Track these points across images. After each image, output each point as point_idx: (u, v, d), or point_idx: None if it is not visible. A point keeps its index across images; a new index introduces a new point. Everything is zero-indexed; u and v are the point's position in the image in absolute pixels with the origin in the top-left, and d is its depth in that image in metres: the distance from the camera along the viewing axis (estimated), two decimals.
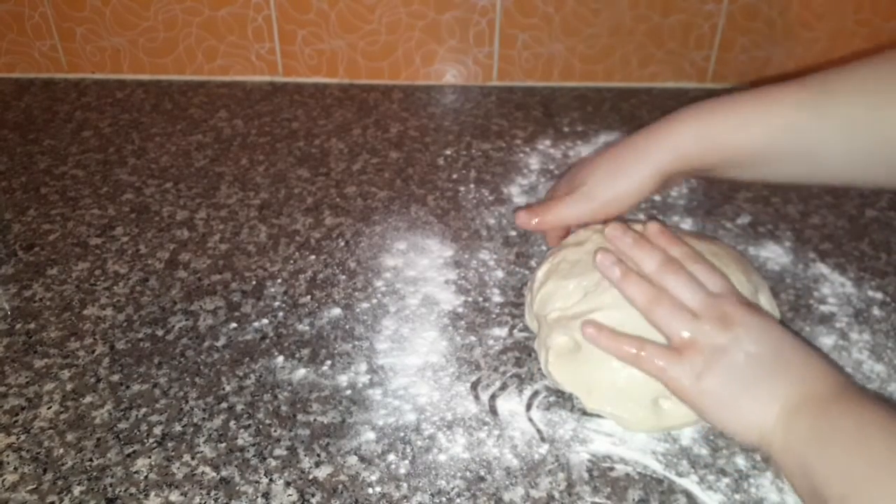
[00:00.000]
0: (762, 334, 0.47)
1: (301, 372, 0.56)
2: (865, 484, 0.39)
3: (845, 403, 0.44)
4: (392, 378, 0.56)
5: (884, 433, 0.41)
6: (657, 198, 0.76)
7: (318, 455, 0.50)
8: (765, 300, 0.55)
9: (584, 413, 0.53)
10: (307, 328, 0.60)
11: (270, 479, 0.48)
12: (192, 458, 0.50)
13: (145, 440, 0.51)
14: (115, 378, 0.56)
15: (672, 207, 0.75)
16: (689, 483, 0.49)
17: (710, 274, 0.51)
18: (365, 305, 0.63)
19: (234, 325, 0.61)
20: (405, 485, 0.48)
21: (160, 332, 0.60)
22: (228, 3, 0.94)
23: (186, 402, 0.54)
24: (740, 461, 0.50)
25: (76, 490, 0.48)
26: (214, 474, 0.49)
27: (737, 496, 0.48)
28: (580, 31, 0.95)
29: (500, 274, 0.66)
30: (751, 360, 0.46)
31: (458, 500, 0.47)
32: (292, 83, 0.99)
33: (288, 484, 0.48)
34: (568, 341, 0.54)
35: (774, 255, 0.69)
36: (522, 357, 0.58)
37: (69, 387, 0.55)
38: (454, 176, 0.80)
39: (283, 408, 0.54)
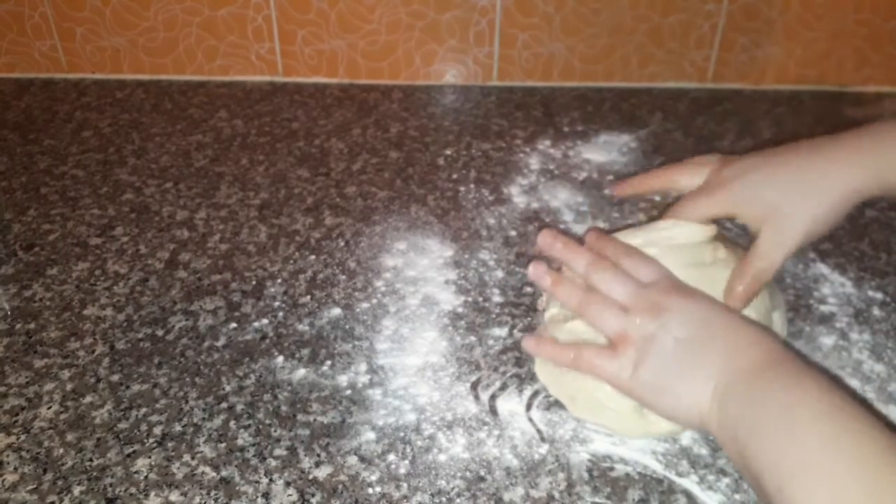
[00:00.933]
0: (690, 316, 0.47)
1: (301, 372, 0.56)
2: (800, 473, 0.37)
3: (774, 378, 0.42)
4: (392, 378, 0.56)
5: (814, 413, 0.39)
6: (657, 198, 0.76)
7: (318, 455, 0.50)
8: (778, 318, 0.54)
9: None
10: (307, 328, 0.60)
11: (270, 479, 0.48)
12: (192, 458, 0.50)
13: (145, 440, 0.51)
14: (115, 378, 0.56)
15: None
16: (689, 483, 0.48)
17: (641, 264, 0.51)
18: (365, 305, 0.63)
19: (234, 325, 0.61)
20: (405, 485, 0.48)
21: (160, 332, 0.60)
22: (228, 3, 0.94)
23: (186, 402, 0.54)
24: None
25: (76, 490, 0.48)
26: (214, 474, 0.49)
27: (737, 496, 0.48)
28: (580, 31, 0.95)
29: (500, 274, 0.66)
30: (681, 345, 0.46)
31: (458, 500, 0.47)
32: (292, 83, 0.99)
33: (288, 484, 0.48)
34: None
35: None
36: (522, 357, 0.58)
37: (69, 387, 0.55)
38: (454, 176, 0.80)
39: (283, 408, 0.54)
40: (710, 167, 0.56)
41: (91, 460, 0.50)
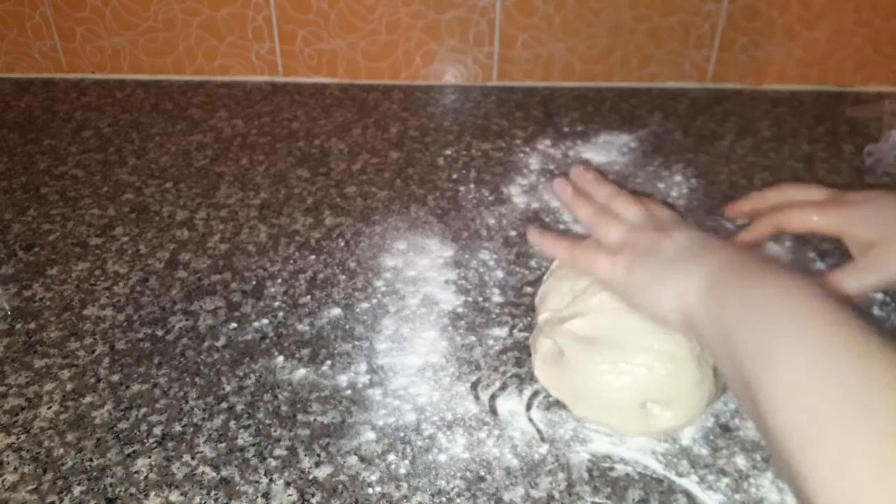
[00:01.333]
0: (692, 234, 0.49)
1: (301, 372, 0.56)
2: (780, 347, 0.37)
3: (763, 271, 0.43)
4: (392, 378, 0.56)
5: (800, 302, 0.39)
6: (657, 197, 0.76)
7: (318, 455, 0.50)
8: None
9: None
10: (307, 328, 0.60)
11: (270, 479, 0.48)
12: (192, 458, 0.50)
13: (145, 440, 0.51)
14: (115, 378, 0.56)
15: (672, 207, 0.75)
16: (689, 483, 0.48)
17: (657, 206, 0.54)
18: (365, 305, 0.63)
19: (234, 325, 0.61)
20: (405, 485, 0.48)
21: (160, 332, 0.60)
22: (228, 3, 0.94)
23: (186, 402, 0.54)
24: (740, 461, 0.50)
25: (76, 490, 0.48)
26: (214, 474, 0.49)
27: (737, 496, 0.48)
28: (580, 31, 0.95)
29: (500, 274, 0.66)
30: (679, 250, 0.47)
31: (458, 500, 0.47)
32: (292, 83, 0.99)
33: (288, 484, 0.48)
34: (553, 346, 0.54)
35: (774, 255, 0.69)
36: (522, 357, 0.58)
37: (69, 387, 0.55)
38: (454, 176, 0.80)
39: (283, 408, 0.54)
40: (829, 192, 0.57)
41: (91, 460, 0.50)
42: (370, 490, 0.48)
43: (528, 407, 0.54)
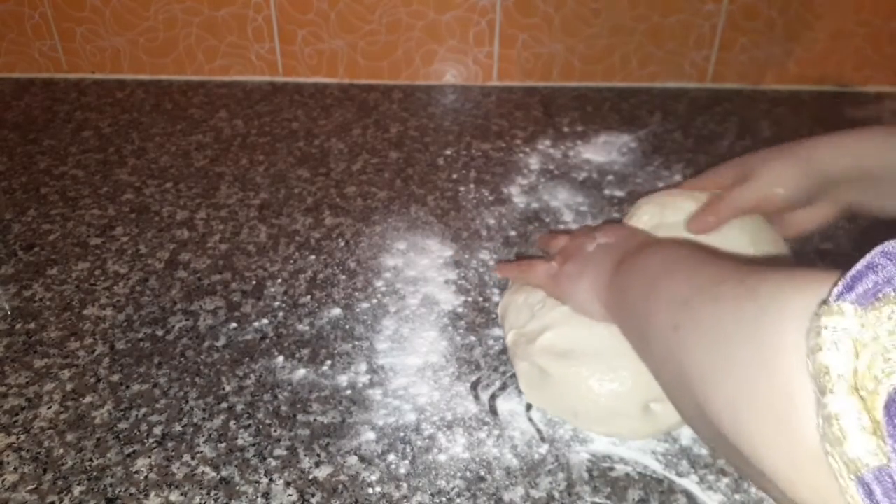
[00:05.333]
0: (616, 230, 0.55)
1: (301, 372, 0.56)
2: (659, 280, 0.42)
3: (652, 249, 0.49)
4: (392, 378, 0.56)
5: (684, 252, 0.45)
6: None
7: (318, 455, 0.50)
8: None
9: None
10: (307, 328, 0.60)
11: (270, 479, 0.48)
12: (192, 458, 0.50)
13: (145, 440, 0.51)
14: (115, 378, 0.56)
15: None
16: (689, 483, 0.48)
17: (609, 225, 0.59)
18: (365, 305, 0.63)
19: (234, 325, 0.61)
20: (405, 485, 0.48)
21: (160, 332, 0.60)
22: (228, 3, 0.94)
23: (186, 402, 0.54)
24: None
25: (76, 490, 0.48)
26: (214, 474, 0.49)
27: (737, 496, 0.48)
28: (580, 31, 0.95)
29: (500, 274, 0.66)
30: (601, 247, 0.54)
31: (458, 500, 0.47)
32: (292, 83, 0.99)
33: (288, 484, 0.48)
34: (531, 367, 0.54)
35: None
36: None
37: (69, 387, 0.55)
38: (454, 176, 0.80)
39: (283, 408, 0.54)
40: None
41: (91, 460, 0.50)
42: (370, 490, 0.48)
43: (528, 407, 0.54)
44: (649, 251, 0.48)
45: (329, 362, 0.57)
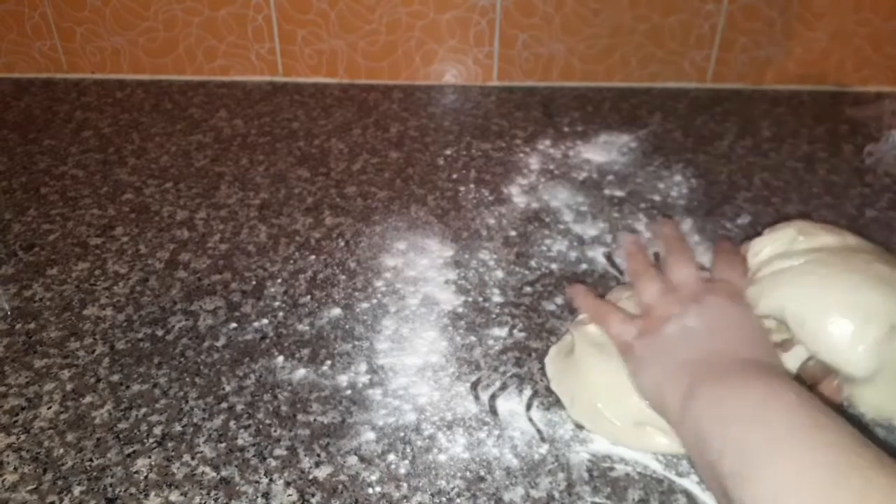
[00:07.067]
0: (713, 310, 0.48)
1: (301, 372, 0.56)
2: (759, 467, 0.36)
3: (751, 377, 0.42)
4: (392, 378, 0.56)
5: (786, 412, 0.38)
6: (657, 197, 0.76)
7: (318, 455, 0.50)
8: None
9: None
10: (307, 328, 0.60)
11: (270, 479, 0.48)
12: (192, 458, 0.50)
13: (145, 440, 0.51)
14: (115, 378, 0.56)
15: (672, 207, 0.75)
16: (689, 483, 0.48)
17: (725, 267, 0.52)
18: (365, 305, 0.63)
19: (234, 325, 0.61)
20: (405, 485, 0.48)
21: (160, 332, 0.60)
22: (228, 3, 0.94)
23: (186, 402, 0.54)
24: None
25: (76, 490, 0.48)
26: (214, 474, 0.49)
27: None
28: (580, 31, 0.95)
29: (500, 274, 0.66)
30: (683, 331, 0.47)
31: (458, 500, 0.47)
32: (292, 83, 0.99)
33: (288, 484, 0.48)
34: (570, 342, 0.54)
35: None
36: (522, 357, 0.58)
37: (69, 387, 0.55)
38: (454, 176, 0.80)
39: (283, 408, 0.53)
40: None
41: (91, 460, 0.50)
42: (370, 490, 0.48)
43: (528, 407, 0.54)
44: (744, 393, 0.41)
45: (329, 362, 0.57)
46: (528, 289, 0.64)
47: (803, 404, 0.39)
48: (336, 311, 0.62)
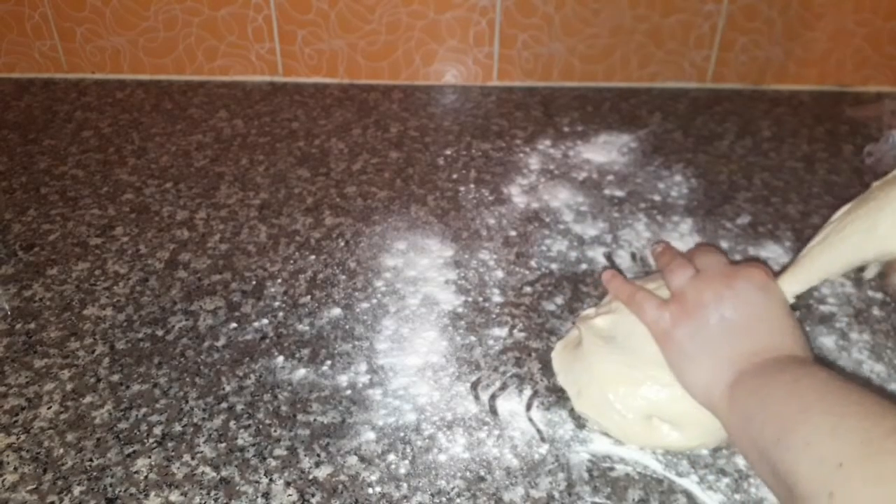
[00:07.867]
0: (746, 300, 0.48)
1: (301, 372, 0.56)
2: (797, 424, 0.39)
3: (790, 367, 0.44)
4: (392, 378, 0.56)
5: (818, 384, 0.41)
6: (657, 197, 0.76)
7: (318, 455, 0.50)
8: None
9: None
10: (307, 328, 0.60)
11: (270, 479, 0.48)
12: (192, 458, 0.50)
13: (145, 440, 0.51)
14: (115, 378, 0.56)
15: (672, 207, 0.75)
16: (689, 483, 0.48)
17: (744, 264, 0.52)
18: (365, 305, 0.63)
19: (234, 325, 0.61)
20: (405, 485, 0.48)
21: (160, 332, 0.60)
22: (228, 3, 0.94)
23: (186, 402, 0.54)
24: (740, 461, 0.50)
25: (76, 490, 0.48)
26: (214, 474, 0.49)
27: (737, 496, 0.48)
28: (580, 31, 0.95)
29: (500, 274, 0.66)
30: (723, 324, 0.47)
31: (458, 500, 0.47)
32: (292, 83, 0.99)
33: (288, 484, 0.48)
34: (577, 336, 0.54)
35: (774, 255, 0.69)
36: (522, 357, 0.58)
37: (69, 387, 0.55)
38: (454, 176, 0.80)
39: (283, 408, 0.54)
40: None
41: (91, 460, 0.50)
42: (370, 490, 0.48)
43: (528, 407, 0.54)
44: (780, 376, 0.43)
45: (329, 362, 0.57)
46: (528, 289, 0.64)
47: (833, 379, 0.41)
48: (336, 311, 0.62)
